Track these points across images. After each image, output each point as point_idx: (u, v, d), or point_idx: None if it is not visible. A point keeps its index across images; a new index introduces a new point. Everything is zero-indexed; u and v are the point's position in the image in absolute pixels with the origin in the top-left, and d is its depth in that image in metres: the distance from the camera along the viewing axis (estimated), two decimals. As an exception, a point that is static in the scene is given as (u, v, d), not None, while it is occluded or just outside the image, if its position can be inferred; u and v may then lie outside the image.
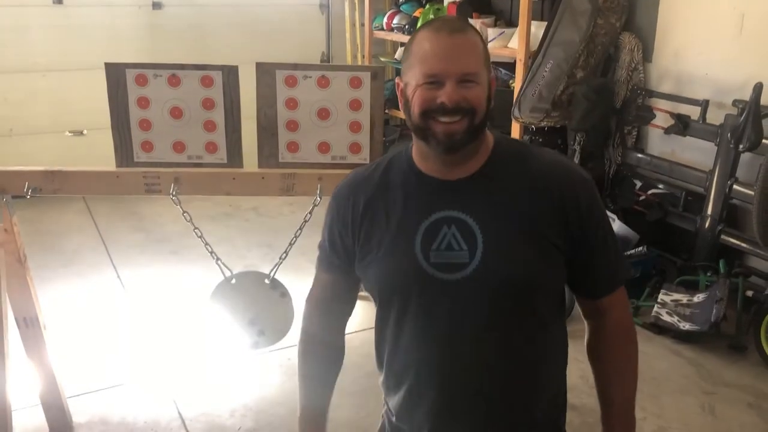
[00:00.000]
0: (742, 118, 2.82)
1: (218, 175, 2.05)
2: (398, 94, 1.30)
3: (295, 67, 1.98)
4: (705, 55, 3.46)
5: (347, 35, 5.64)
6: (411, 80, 1.23)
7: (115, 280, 3.75)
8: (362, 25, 5.51)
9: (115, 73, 1.99)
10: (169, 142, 2.05)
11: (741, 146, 2.78)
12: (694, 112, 3.40)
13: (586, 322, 1.39)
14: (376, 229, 1.31)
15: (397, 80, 1.30)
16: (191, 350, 3.05)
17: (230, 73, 1.99)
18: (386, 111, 5.40)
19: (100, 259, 3.99)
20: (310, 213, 2.03)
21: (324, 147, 2.04)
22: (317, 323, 1.44)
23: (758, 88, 2.78)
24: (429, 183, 1.29)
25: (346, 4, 5.60)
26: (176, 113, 2.02)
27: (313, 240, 1.49)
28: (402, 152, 1.36)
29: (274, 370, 2.92)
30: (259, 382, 2.84)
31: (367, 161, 2.03)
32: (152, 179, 2.03)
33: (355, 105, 2.00)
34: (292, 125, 2.02)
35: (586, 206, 1.28)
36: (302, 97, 1.99)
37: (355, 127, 2.02)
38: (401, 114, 5.32)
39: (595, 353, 1.38)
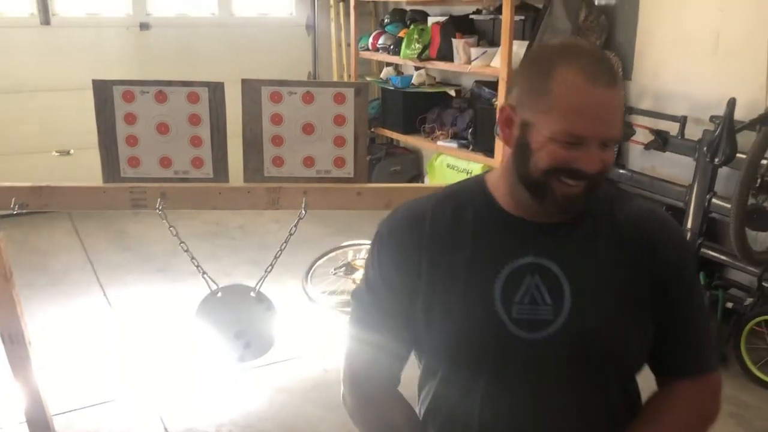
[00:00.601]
0: (717, 132, 2.89)
1: (204, 190, 2.08)
2: (502, 121, 1.10)
3: (280, 83, 2.02)
4: (683, 72, 3.54)
5: (333, 55, 5.71)
6: (541, 127, 1.03)
7: (101, 298, 3.75)
8: (348, 45, 5.59)
9: (103, 90, 2.02)
10: (156, 158, 2.08)
11: (717, 160, 2.85)
12: (673, 128, 3.47)
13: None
14: (446, 275, 1.13)
15: (505, 106, 1.10)
16: (178, 366, 3.05)
17: (216, 89, 2.03)
18: (372, 130, 5.46)
19: (87, 278, 3.99)
20: (296, 226, 2.06)
21: (309, 161, 2.07)
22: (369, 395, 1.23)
23: (731, 104, 2.85)
24: (513, 222, 1.13)
25: (332, 24, 5.68)
26: (163, 129, 2.05)
27: (297, 255, 1.48)
28: (471, 186, 1.19)
29: (262, 385, 2.93)
30: (247, 397, 2.84)
31: (351, 175, 2.07)
32: (139, 194, 2.05)
33: (339, 120, 2.04)
34: (277, 140, 2.05)
35: (675, 268, 1.14)
36: (287, 113, 2.03)
37: (339, 141, 2.05)
38: (387, 132, 5.46)
39: (650, 415, 1.19)
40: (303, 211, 2.04)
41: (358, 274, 3.72)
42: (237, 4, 5.49)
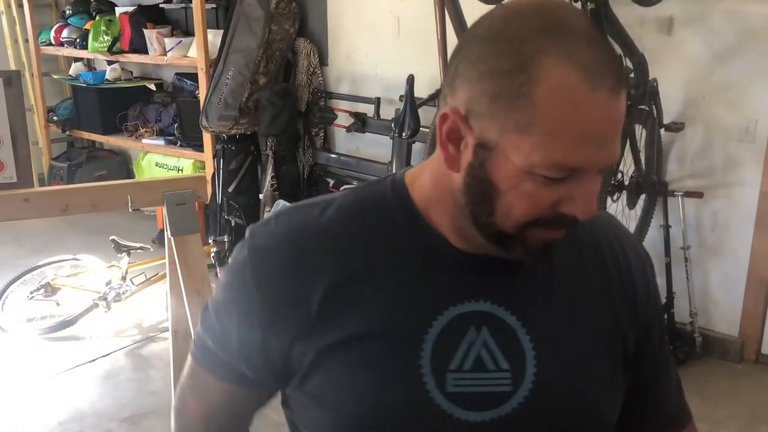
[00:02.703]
0: (402, 109, 3.08)
1: None
2: (444, 133, 0.73)
3: None
4: (372, 56, 3.73)
5: (9, 52, 5.04)
6: (512, 152, 0.68)
7: None
8: (26, 41, 4.97)
9: None
10: None
11: (404, 134, 3.03)
12: (369, 109, 3.63)
13: None
14: (346, 331, 0.77)
15: (448, 112, 0.72)
16: None
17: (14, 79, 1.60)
18: (66, 132, 4.94)
19: None
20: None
21: (-44, 168, 1.75)
22: None
23: (410, 80, 3.05)
24: (450, 254, 0.79)
25: (3, 18, 5.00)
26: None
27: None
28: (387, 196, 0.82)
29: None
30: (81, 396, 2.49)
31: (14, 179, 1.78)
32: None
33: (-11, 117, 1.74)
34: None
35: (653, 289, 0.89)
36: None
37: (-8, 142, 1.76)
38: (85, 134, 4.99)
39: None
40: (-46, 228, 1.71)
41: (61, 295, 3.33)
42: None
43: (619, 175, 2.74)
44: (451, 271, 0.79)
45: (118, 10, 4.53)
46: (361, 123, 3.62)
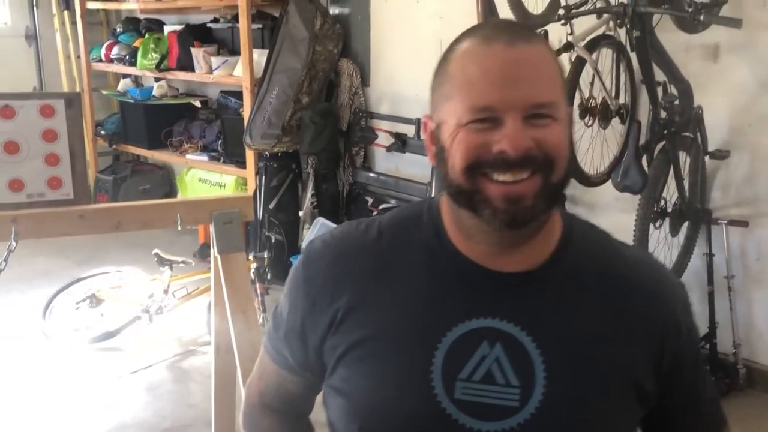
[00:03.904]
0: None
1: None
2: (426, 138, 0.90)
3: (-28, 97, 1.75)
4: (414, 77, 3.76)
5: (62, 68, 5.21)
6: (448, 118, 0.82)
7: None
8: (78, 57, 5.14)
9: None
10: None
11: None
12: (410, 130, 3.67)
13: None
14: (368, 331, 0.86)
15: (424, 118, 0.91)
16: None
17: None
18: (113, 147, 5.08)
19: None
20: (6, 260, 1.80)
21: (16, 185, 1.81)
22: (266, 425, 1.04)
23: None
24: (466, 268, 0.86)
25: (58, 35, 5.17)
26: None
27: (32, 291, 1.27)
28: (421, 213, 0.92)
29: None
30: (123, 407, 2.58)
31: (71, 197, 1.85)
32: None
33: (49, 136, 1.81)
34: (-26, 163, 1.77)
35: (686, 334, 0.91)
36: (-17, 131, 1.76)
37: (52, 160, 1.83)
38: (131, 148, 5.10)
39: None
40: (13, 243, 1.78)
41: (105, 306, 3.41)
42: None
43: (662, 202, 2.71)
44: (475, 287, 0.85)
45: (167, 29, 4.66)
46: (401, 143, 3.66)
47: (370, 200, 3.96)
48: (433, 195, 3.50)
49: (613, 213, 3.05)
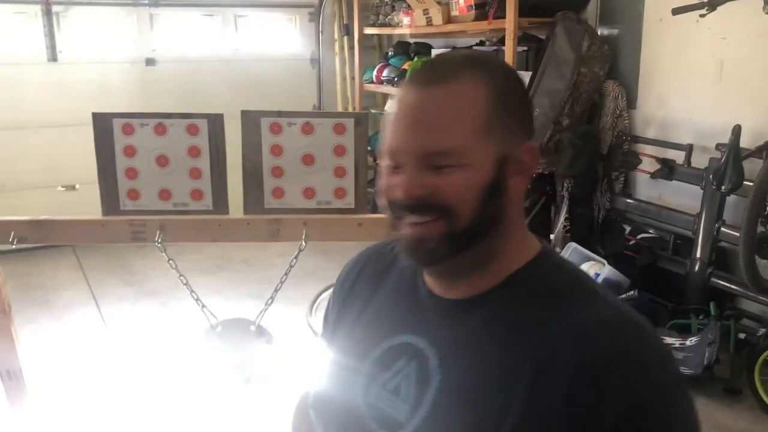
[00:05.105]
0: (723, 160, 2.86)
1: (203, 222, 2.05)
2: None
3: (280, 114, 2.01)
4: (687, 100, 3.53)
5: (338, 88, 5.74)
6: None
7: (104, 334, 3.71)
8: (352, 78, 5.62)
9: (102, 123, 2.02)
10: (155, 190, 2.06)
11: (723, 188, 2.81)
12: (679, 156, 3.44)
13: None
14: (348, 326, 1.01)
15: None
16: (179, 399, 3.00)
17: (216, 121, 2.02)
18: (376, 162, 5.45)
19: (90, 313, 3.96)
20: (296, 258, 2.03)
21: (309, 192, 2.05)
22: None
23: (737, 131, 2.83)
24: (422, 293, 0.92)
25: (337, 59, 5.71)
26: (162, 161, 2.04)
27: (302, 288, 1.45)
28: None
29: (262, 416, 2.87)
30: (248, 429, 2.79)
31: (352, 206, 2.05)
32: (138, 227, 2.03)
33: (339, 151, 2.02)
34: (277, 171, 2.03)
35: (646, 416, 0.74)
36: (287, 144, 2.02)
37: (339, 172, 2.03)
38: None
39: None
40: (303, 243, 2.01)
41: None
42: (242, 39, 5.54)
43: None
44: (419, 307, 0.90)
45: (434, 52, 4.91)
46: (668, 170, 3.44)
47: (628, 228, 3.78)
48: (701, 227, 3.24)
49: None
